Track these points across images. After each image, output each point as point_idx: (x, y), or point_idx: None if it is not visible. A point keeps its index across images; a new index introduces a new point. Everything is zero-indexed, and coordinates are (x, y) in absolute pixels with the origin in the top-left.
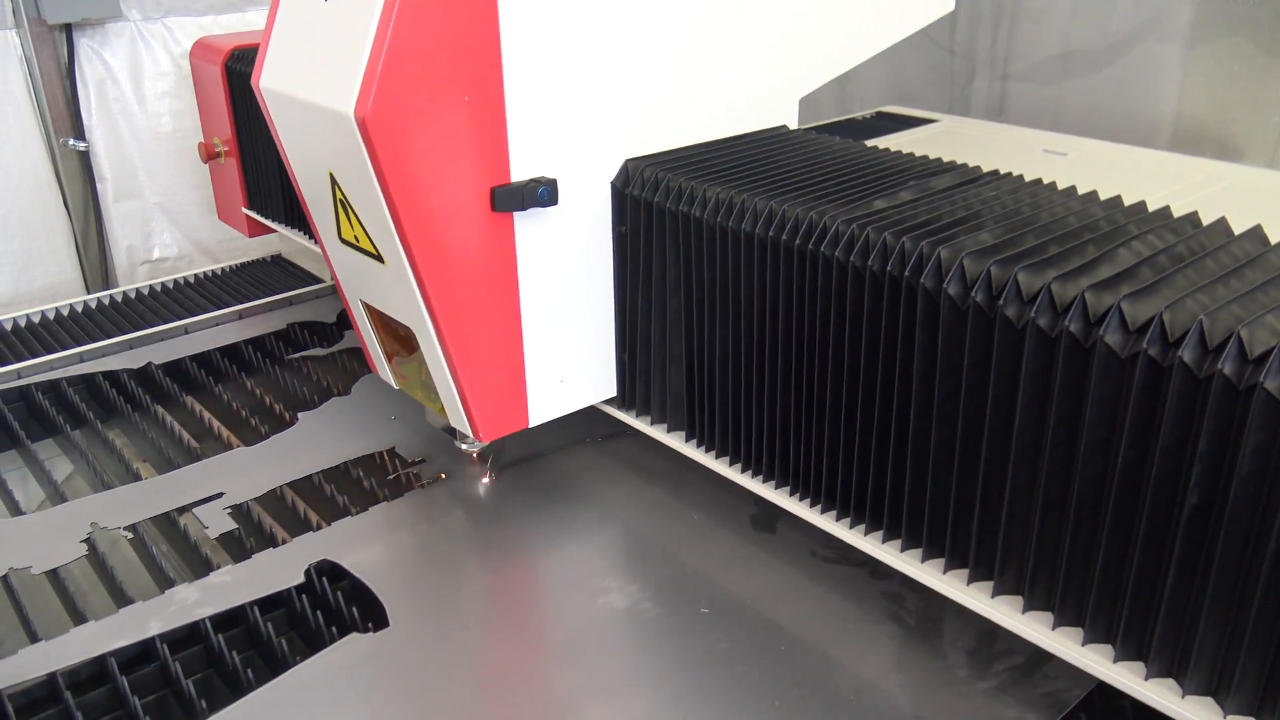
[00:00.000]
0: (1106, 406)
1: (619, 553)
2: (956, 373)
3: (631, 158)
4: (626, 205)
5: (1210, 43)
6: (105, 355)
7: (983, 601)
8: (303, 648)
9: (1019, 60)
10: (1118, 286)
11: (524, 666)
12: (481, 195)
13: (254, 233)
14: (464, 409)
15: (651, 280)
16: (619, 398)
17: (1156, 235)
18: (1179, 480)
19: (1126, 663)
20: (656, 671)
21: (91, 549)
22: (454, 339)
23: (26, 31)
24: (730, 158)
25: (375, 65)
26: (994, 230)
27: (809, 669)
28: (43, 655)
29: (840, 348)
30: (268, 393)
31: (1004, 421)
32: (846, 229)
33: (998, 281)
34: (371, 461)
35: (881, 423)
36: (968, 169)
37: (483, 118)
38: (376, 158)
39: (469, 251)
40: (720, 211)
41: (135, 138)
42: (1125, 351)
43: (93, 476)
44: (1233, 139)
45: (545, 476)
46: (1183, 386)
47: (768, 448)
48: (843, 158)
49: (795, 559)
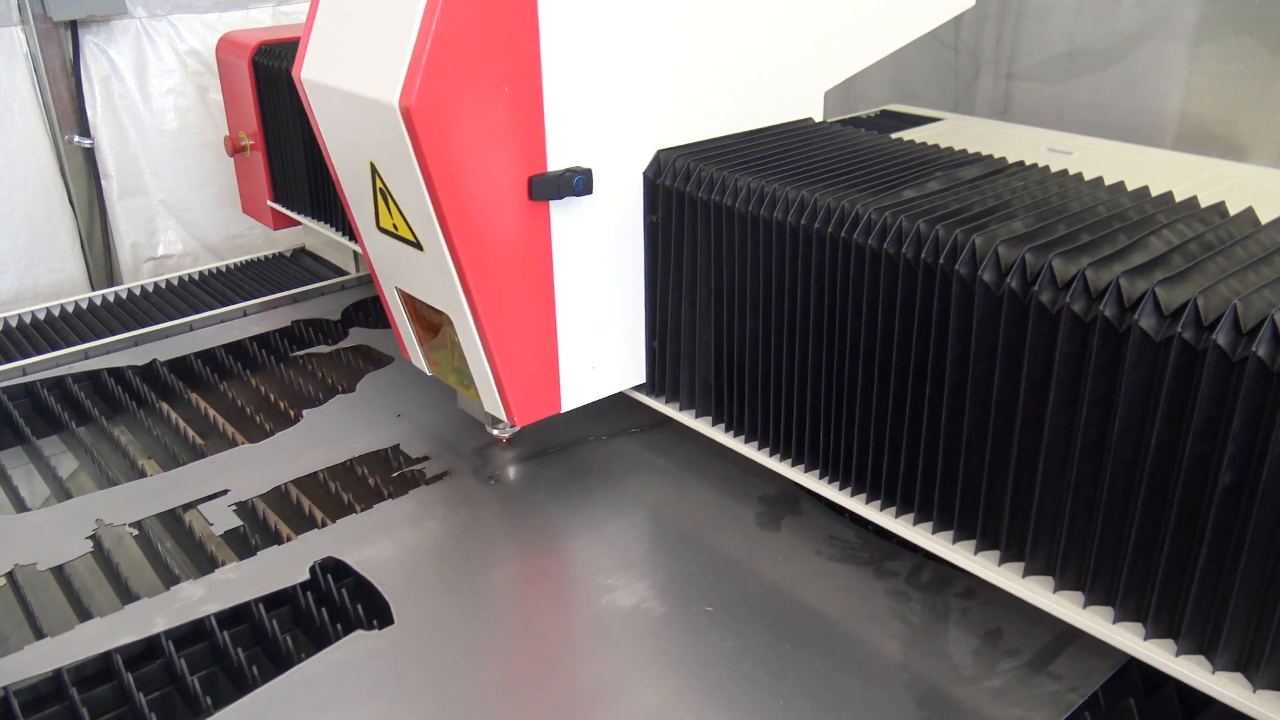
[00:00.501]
0: (1140, 389)
1: (623, 551)
2: (990, 357)
3: (663, 148)
4: (658, 195)
5: (1216, 41)
6: (110, 352)
7: (1014, 581)
8: (307, 645)
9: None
10: (1150, 273)
11: (529, 664)
12: (519, 184)
13: (279, 225)
14: (499, 393)
15: (682, 269)
16: (648, 384)
17: (1185, 224)
18: (1211, 460)
19: (1157, 640)
20: (661, 670)
21: (97, 546)
22: (491, 324)
23: (32, 28)
24: (759, 148)
25: (420, 57)
26: (1025, 219)
27: (813, 667)
28: (48, 652)
29: (872, 333)
30: (272, 390)
31: (1037, 404)
32: (879, 217)
33: (1032, 268)
34: (376, 458)
35: (913, 406)
36: (993, 160)
37: (521, 108)
38: (420, 147)
39: (507, 239)
40: (751, 200)
41: (140, 135)
42: (1159, 335)
43: (98, 473)
44: (1239, 138)
45: (549, 475)
46: (1217, 369)
47: (797, 432)
48: (869, 149)
49: (800, 558)
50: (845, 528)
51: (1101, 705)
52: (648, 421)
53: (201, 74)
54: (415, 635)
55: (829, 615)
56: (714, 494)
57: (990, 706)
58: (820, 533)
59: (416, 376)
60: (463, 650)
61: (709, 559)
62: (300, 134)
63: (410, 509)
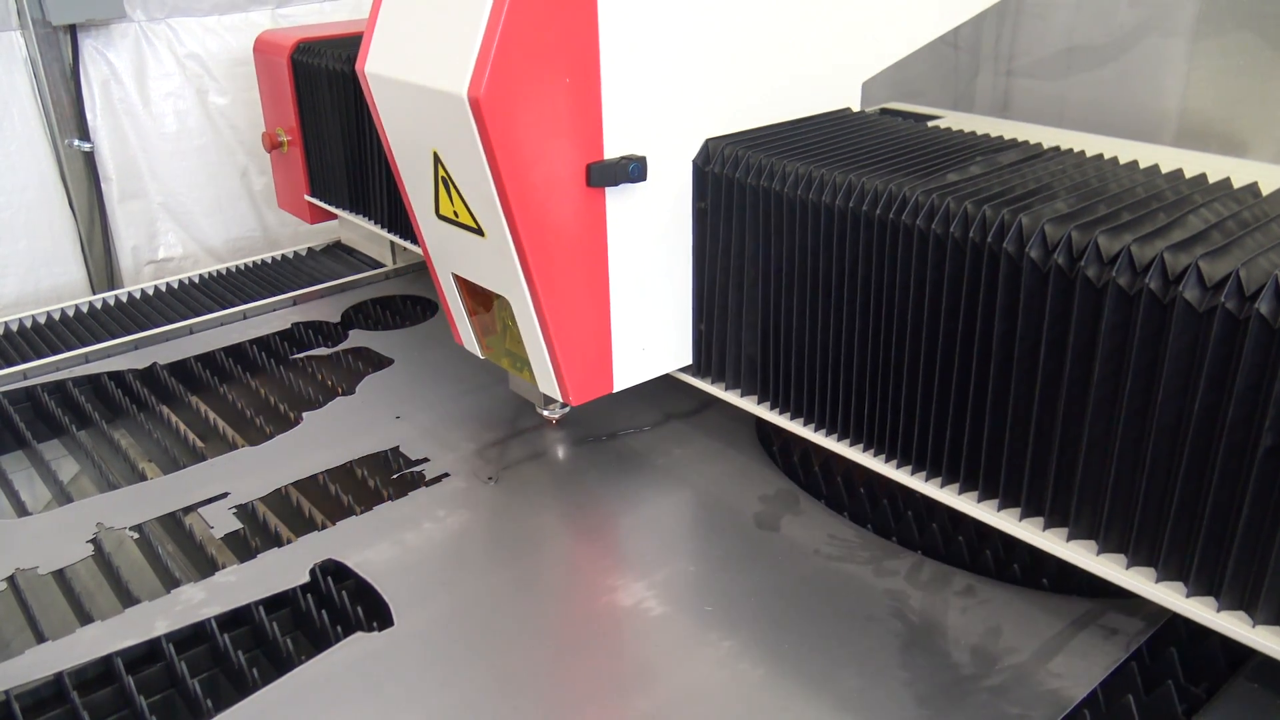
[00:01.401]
0: (1183, 358)
1: (622, 551)
2: (1037, 330)
3: (712, 137)
4: (707, 182)
5: (1215, 37)
6: (111, 356)
7: (1059, 544)
8: (308, 647)
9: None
10: (1192, 248)
11: (528, 665)
12: (578, 172)
13: (315, 219)
14: (555, 374)
15: (731, 253)
16: (695, 365)
17: (1221, 204)
18: (1253, 423)
19: (1199, 597)
20: (660, 670)
21: (97, 549)
22: (550, 306)
23: (31, 33)
24: (803, 136)
25: (489, 50)
26: (1067, 200)
27: (812, 667)
28: (49, 655)
29: (920, 310)
30: (272, 393)
31: (1083, 375)
32: (926, 199)
33: (1078, 245)
34: (376, 460)
35: (960, 379)
36: (1029, 145)
37: (581, 99)
38: (487, 136)
39: (565, 224)
40: (800, 185)
41: (140, 138)
42: (1203, 306)
43: (98, 477)
44: (1238, 134)
45: (548, 476)
46: (1259, 336)
47: (844, 407)
48: (909, 137)
49: (799, 557)
50: (844, 526)
51: (1100, 703)
52: (646, 422)
53: (201, 77)
54: (415, 637)
55: (828, 614)
56: (713, 494)
57: (989, 705)
58: (819, 532)
59: (416, 378)
60: (462, 651)
61: (708, 559)
62: (339, 129)
63: (410, 511)
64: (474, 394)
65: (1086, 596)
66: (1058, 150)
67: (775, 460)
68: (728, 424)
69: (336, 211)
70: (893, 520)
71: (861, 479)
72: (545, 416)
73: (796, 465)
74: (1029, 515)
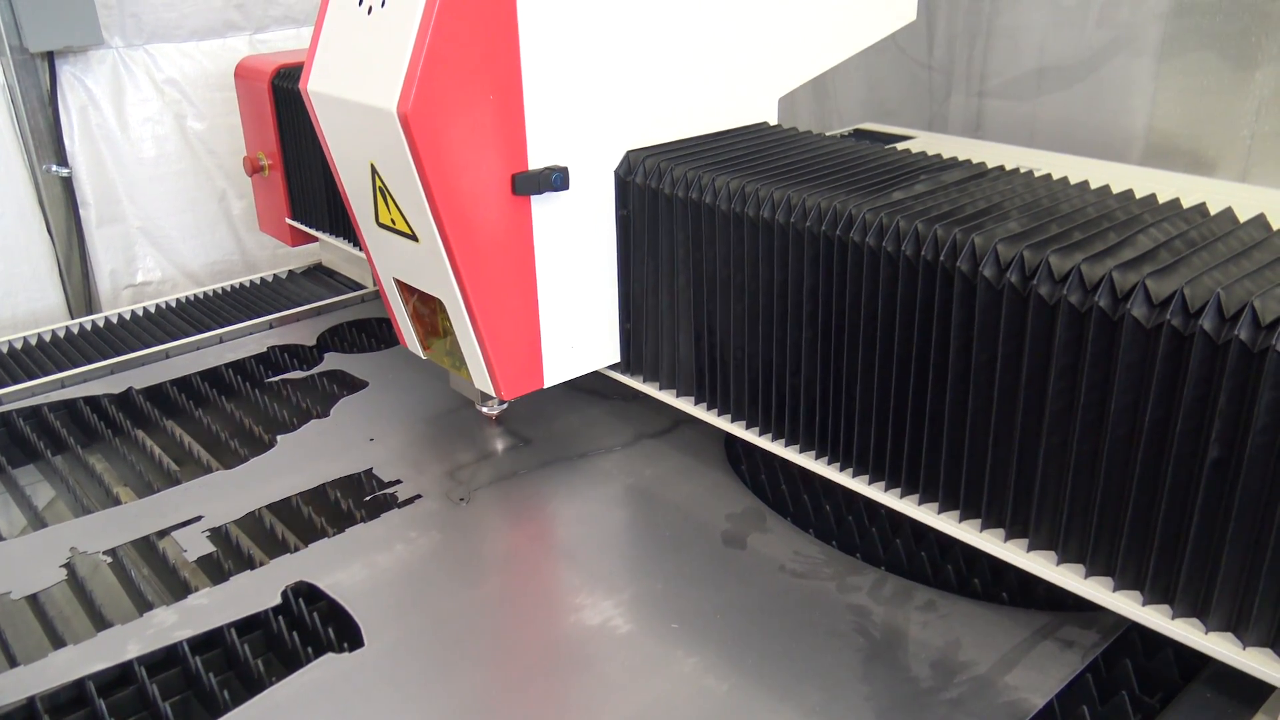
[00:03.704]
0: (1133, 372)
1: (590, 570)
2: (991, 346)
3: (632, 149)
4: (630, 191)
5: (1180, 58)
6: (87, 380)
7: (1019, 555)
8: (279, 668)
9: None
10: (1140, 266)
11: (497, 684)
12: (504, 181)
13: (296, 242)
14: (488, 370)
15: (657, 258)
16: (622, 363)
17: (1170, 223)
18: (1200, 436)
19: (1155, 605)
20: (627, 687)
21: (71, 574)
22: (480, 307)
23: (9, 60)
24: (726, 149)
25: (415, 69)
26: (1019, 219)
27: (776, 682)
28: (21, 679)
29: (872, 323)
30: (247, 416)
31: (1038, 390)
32: (875, 217)
33: (1030, 264)
34: (349, 482)
35: (917, 392)
36: (973, 164)
37: (505, 113)
38: (416, 149)
39: (493, 230)
40: (734, 200)
41: (118, 163)
42: (1150, 323)
43: (73, 501)
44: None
45: (518, 496)
46: (1203, 352)
47: (792, 413)
48: (840, 153)
49: (765, 574)
50: (809, 543)
51: (1057, 713)
52: (616, 442)
53: (179, 102)
54: (385, 657)
55: (792, 630)
56: (682, 512)
57: (948, 717)
58: (785, 549)
59: (389, 401)
60: (432, 671)
61: (675, 577)
62: (319, 153)
63: (382, 532)
64: (446, 416)
65: (1045, 610)
66: (1003, 169)
67: (744, 479)
68: (698, 442)
69: (317, 234)
70: (857, 537)
71: (828, 497)
72: (484, 413)
73: (764, 484)
74: (990, 526)
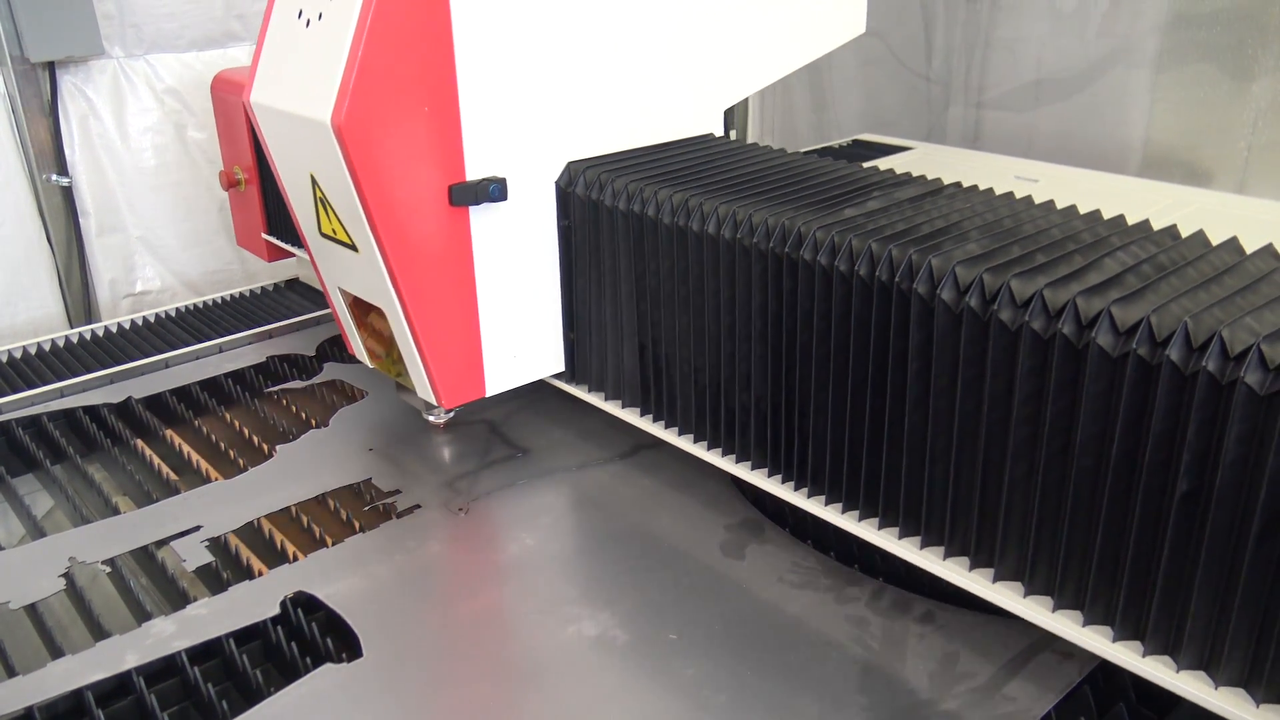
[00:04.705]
0: (1099, 402)
1: (589, 581)
2: (952, 370)
3: (573, 160)
4: (571, 202)
5: (1177, 69)
6: (86, 390)
7: (984, 586)
8: (278, 679)
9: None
10: (1106, 292)
11: (496, 695)
12: (440, 192)
13: (273, 257)
14: (428, 379)
15: (601, 268)
16: (566, 373)
17: (1139, 246)
18: (1169, 469)
19: (1125, 642)
20: (625, 698)
21: (70, 583)
22: (418, 316)
23: (10, 69)
24: (669, 161)
25: (349, 81)
26: (980, 240)
27: (774, 693)
28: (19, 690)
29: (825, 342)
30: (247, 425)
31: (1001, 417)
32: (826, 236)
33: (990, 288)
34: (348, 493)
35: (874, 414)
36: (927, 180)
37: (440, 125)
38: (350, 160)
39: (430, 240)
40: (677, 214)
41: (118, 172)
42: (1116, 352)
43: (72, 511)
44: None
45: (516, 507)
46: (1170, 383)
47: (740, 429)
48: (788, 167)
49: (763, 585)
50: (808, 554)
51: None
52: (615, 453)
53: (179, 112)
54: (383, 668)
55: (790, 641)
56: (680, 523)
57: None
58: (783, 560)
59: (388, 411)
60: (430, 682)
61: (673, 588)
62: None
63: (381, 542)
64: (446, 427)
65: None
66: (959, 186)
67: (742, 490)
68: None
69: (292, 250)
70: (855, 548)
71: None
72: (431, 422)
73: (763, 495)
74: (954, 555)
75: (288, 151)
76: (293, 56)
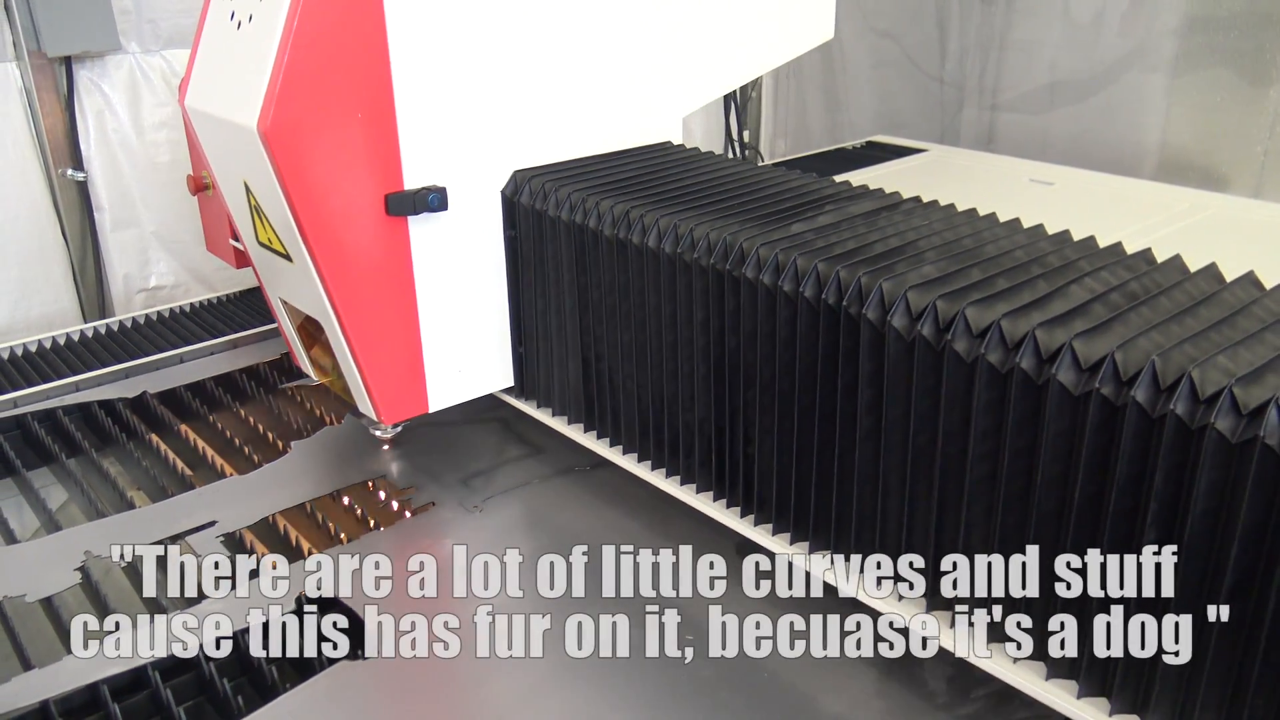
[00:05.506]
0: (1062, 442)
1: (606, 581)
2: (903, 402)
3: (520, 169)
4: (517, 212)
5: (1194, 73)
6: (101, 384)
7: (944, 631)
8: (293, 674)
9: (1007, 90)
10: (1070, 323)
11: (510, 695)
12: (376, 201)
13: (241, 264)
14: (367, 394)
15: (547, 280)
16: (516, 387)
17: (1109, 272)
18: (1137, 517)
19: (1090, 698)
20: (642, 699)
21: (85, 577)
22: (354, 329)
23: (27, 64)
24: (619, 171)
25: (275, 85)
26: (936, 262)
27: (791, 697)
28: (35, 683)
29: (771, 363)
30: (261, 421)
31: (957, 452)
32: (770, 254)
33: (945, 316)
34: (363, 490)
35: (823, 442)
36: (884, 194)
37: (375, 132)
38: (278, 167)
39: (366, 251)
40: (619, 225)
41: (133, 168)
42: (1078, 390)
43: (87, 505)
44: (1217, 168)
45: (533, 504)
46: (1137, 425)
47: (685, 450)
48: (740, 177)
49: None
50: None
51: None
52: None
53: None
54: (398, 666)
55: (807, 642)
56: (694, 523)
57: None
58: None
59: None
60: (445, 680)
61: (689, 587)
62: None
63: (396, 539)
64: (461, 424)
65: None
66: (918, 201)
67: None
68: None
69: None
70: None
71: None
72: (378, 436)
73: None
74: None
75: (223, 157)
76: (225, 59)
